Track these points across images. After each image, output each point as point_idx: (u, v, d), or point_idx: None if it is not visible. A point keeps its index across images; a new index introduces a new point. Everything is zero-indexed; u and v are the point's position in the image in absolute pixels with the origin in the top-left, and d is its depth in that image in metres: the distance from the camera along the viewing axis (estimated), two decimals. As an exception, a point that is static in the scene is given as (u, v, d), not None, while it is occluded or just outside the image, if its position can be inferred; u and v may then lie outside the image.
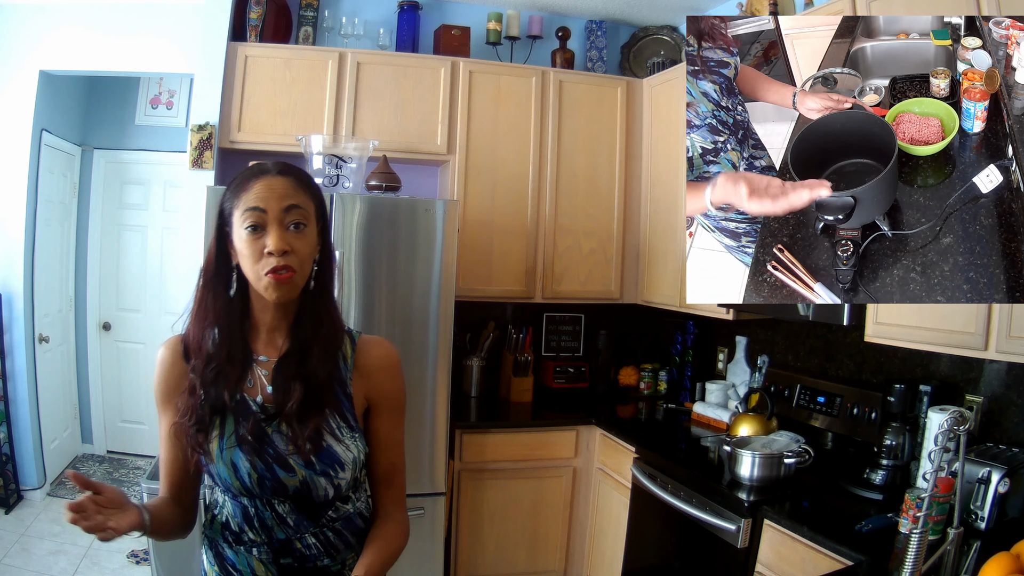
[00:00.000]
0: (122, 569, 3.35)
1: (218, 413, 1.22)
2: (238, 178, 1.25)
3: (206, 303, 1.25)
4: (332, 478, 1.24)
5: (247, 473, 1.21)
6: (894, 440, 2.19)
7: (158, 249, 4.98)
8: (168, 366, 1.27)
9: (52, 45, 3.73)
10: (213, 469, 1.22)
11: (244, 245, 1.19)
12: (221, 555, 1.26)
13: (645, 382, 3.66)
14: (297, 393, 1.22)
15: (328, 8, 3.48)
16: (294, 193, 1.22)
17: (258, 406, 1.24)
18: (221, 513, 1.26)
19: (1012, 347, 1.81)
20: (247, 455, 1.21)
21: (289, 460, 1.21)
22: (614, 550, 2.96)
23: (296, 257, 1.19)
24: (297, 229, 1.20)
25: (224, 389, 1.22)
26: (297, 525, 1.24)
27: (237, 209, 1.21)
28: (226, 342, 1.23)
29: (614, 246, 3.54)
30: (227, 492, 1.24)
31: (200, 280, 1.26)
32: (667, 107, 3.36)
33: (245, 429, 1.22)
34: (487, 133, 3.36)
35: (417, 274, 2.81)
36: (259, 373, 1.26)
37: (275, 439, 1.22)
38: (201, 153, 3.12)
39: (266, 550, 1.24)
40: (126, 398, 4.99)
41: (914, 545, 1.45)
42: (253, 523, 1.23)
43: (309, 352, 1.25)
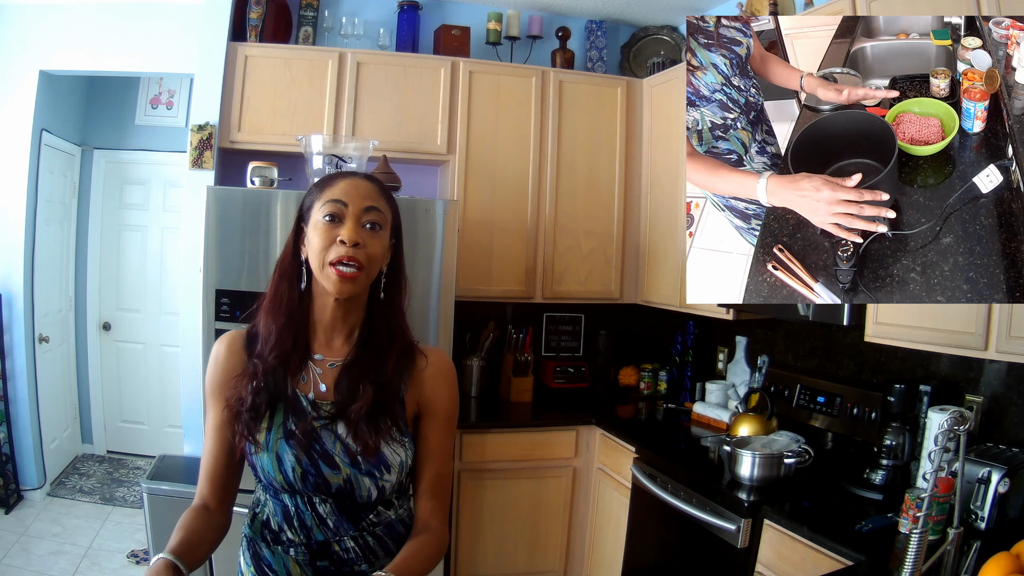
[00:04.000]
0: (122, 569, 3.35)
1: (274, 403, 1.24)
2: (325, 177, 1.29)
3: (281, 294, 1.27)
4: (377, 479, 1.24)
5: (291, 467, 1.21)
6: (894, 440, 2.19)
7: (158, 249, 4.98)
8: (224, 357, 1.29)
9: (52, 45, 3.73)
10: (257, 460, 1.23)
11: (318, 232, 1.21)
12: (258, 555, 1.26)
13: (645, 382, 3.65)
14: (367, 396, 1.23)
15: (328, 8, 3.48)
16: (377, 197, 1.26)
17: (309, 402, 1.25)
18: (262, 512, 1.27)
19: (1012, 347, 1.81)
20: (293, 449, 1.22)
21: (335, 458, 1.22)
22: (614, 550, 2.96)
23: (365, 253, 1.21)
24: (373, 229, 1.24)
25: (285, 378, 1.24)
26: (337, 527, 1.24)
27: (318, 202, 1.24)
28: (291, 332, 1.25)
29: (614, 246, 3.54)
30: (268, 488, 1.25)
31: (276, 272, 1.29)
32: (667, 107, 3.36)
33: (295, 424, 1.23)
34: (487, 133, 3.36)
35: (417, 274, 2.81)
36: (314, 371, 1.27)
37: (323, 436, 1.23)
38: (201, 153, 3.12)
39: (303, 551, 1.23)
40: (126, 398, 5.00)
41: (914, 545, 1.45)
42: (293, 523, 1.24)
43: (385, 359, 1.28)
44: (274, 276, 1.29)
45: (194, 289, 2.75)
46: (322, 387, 1.26)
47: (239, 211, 2.65)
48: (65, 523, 3.78)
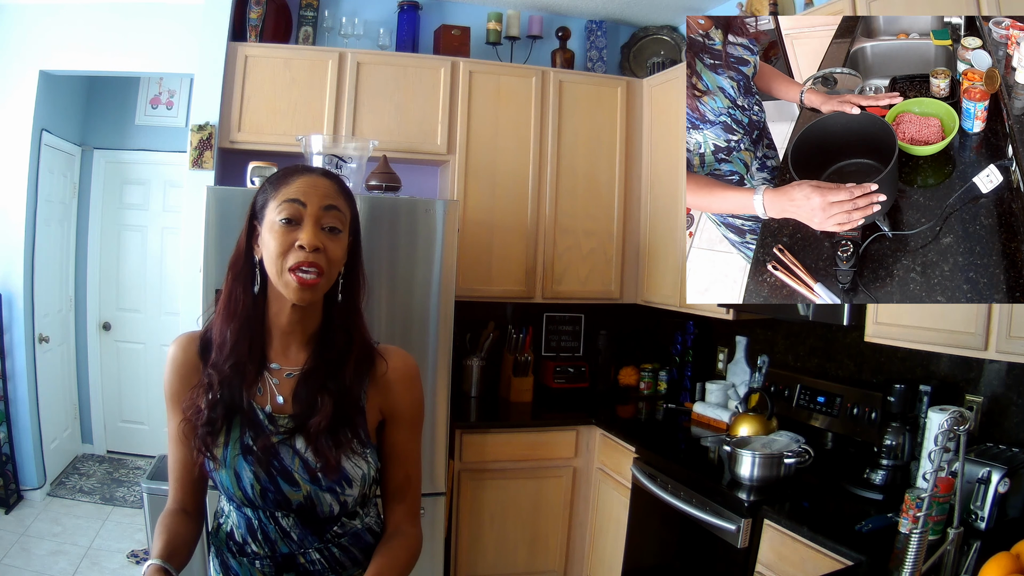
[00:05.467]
0: (122, 569, 3.35)
1: (230, 416, 1.18)
2: (279, 173, 1.22)
3: (235, 297, 1.20)
4: (338, 495, 1.20)
5: (250, 484, 1.17)
6: (894, 440, 2.19)
7: (158, 249, 4.98)
8: (179, 363, 1.23)
9: (52, 45, 3.73)
10: (216, 475, 1.19)
11: (274, 236, 1.15)
12: (226, 564, 1.24)
13: (645, 382, 3.65)
14: (327, 409, 1.18)
15: (328, 8, 3.48)
16: (336, 195, 1.19)
17: (266, 415, 1.20)
18: (227, 522, 1.25)
19: (1012, 347, 1.81)
20: (251, 465, 1.17)
21: (294, 475, 1.18)
22: (614, 550, 2.96)
23: (325, 258, 1.15)
24: (332, 232, 1.17)
25: (241, 389, 1.18)
26: (301, 540, 1.20)
27: (274, 200, 1.17)
28: (247, 339, 1.19)
29: (614, 246, 3.54)
30: (230, 501, 1.22)
31: (229, 274, 1.22)
32: (667, 107, 3.36)
33: (251, 438, 1.18)
34: (487, 133, 3.36)
35: (417, 274, 2.81)
36: (270, 381, 1.22)
37: (282, 452, 1.18)
38: (201, 153, 3.12)
39: (269, 563, 1.20)
40: (126, 398, 4.99)
41: (914, 545, 1.45)
42: (257, 535, 1.20)
43: (342, 367, 1.21)
44: (227, 278, 1.21)
45: (194, 289, 2.74)
46: (279, 399, 1.21)
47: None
48: (65, 523, 3.78)
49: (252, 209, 1.22)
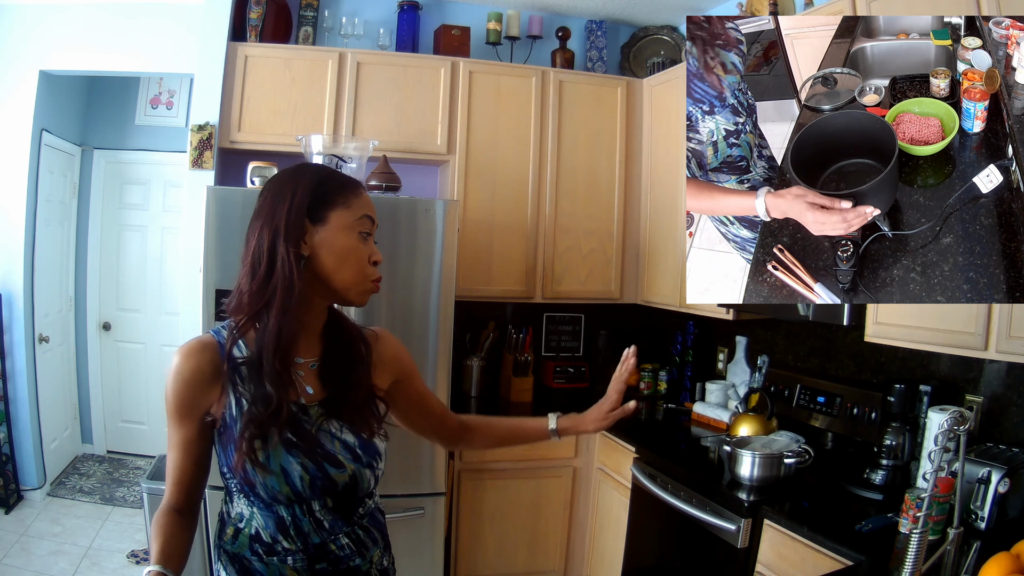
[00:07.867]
0: (122, 569, 3.35)
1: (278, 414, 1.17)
2: (336, 180, 1.26)
3: (284, 297, 1.18)
4: (375, 469, 1.29)
5: (299, 476, 1.19)
6: (894, 440, 2.19)
7: (158, 249, 4.98)
8: (192, 372, 1.21)
9: (52, 45, 3.73)
10: (258, 479, 1.17)
11: (352, 249, 1.24)
12: (248, 569, 1.22)
13: (645, 382, 3.65)
14: (355, 389, 1.29)
15: (328, 8, 3.48)
16: None
17: (299, 407, 1.23)
18: (248, 526, 1.22)
19: (1012, 347, 1.81)
20: (297, 458, 1.19)
21: (338, 456, 1.24)
22: (614, 550, 2.96)
23: None
24: None
25: (286, 391, 1.19)
26: (332, 527, 1.24)
27: (347, 209, 1.24)
28: (291, 335, 1.20)
29: (614, 246, 3.54)
30: (258, 502, 1.21)
31: (274, 271, 1.19)
32: (667, 107, 3.36)
33: (292, 433, 1.20)
34: (487, 133, 3.36)
35: (417, 274, 2.81)
36: (297, 375, 1.25)
37: (322, 439, 1.24)
38: (201, 153, 3.12)
39: (301, 557, 1.22)
40: (126, 398, 5.00)
41: (914, 545, 1.45)
42: (288, 532, 1.21)
43: (353, 349, 1.32)
44: (269, 276, 1.18)
45: (194, 289, 2.74)
46: (308, 389, 1.26)
47: (239, 211, 2.65)
48: (65, 523, 3.78)
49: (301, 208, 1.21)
